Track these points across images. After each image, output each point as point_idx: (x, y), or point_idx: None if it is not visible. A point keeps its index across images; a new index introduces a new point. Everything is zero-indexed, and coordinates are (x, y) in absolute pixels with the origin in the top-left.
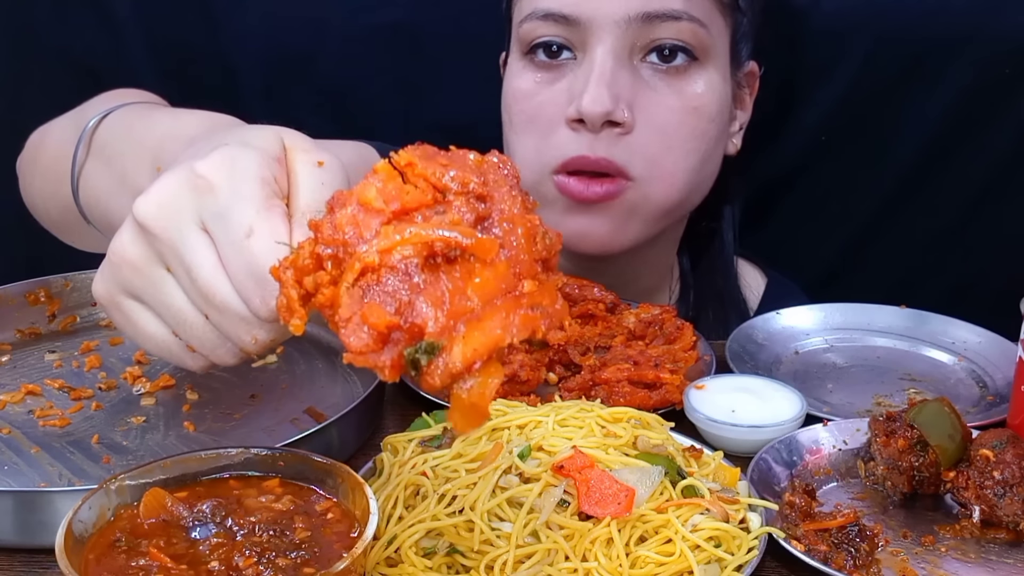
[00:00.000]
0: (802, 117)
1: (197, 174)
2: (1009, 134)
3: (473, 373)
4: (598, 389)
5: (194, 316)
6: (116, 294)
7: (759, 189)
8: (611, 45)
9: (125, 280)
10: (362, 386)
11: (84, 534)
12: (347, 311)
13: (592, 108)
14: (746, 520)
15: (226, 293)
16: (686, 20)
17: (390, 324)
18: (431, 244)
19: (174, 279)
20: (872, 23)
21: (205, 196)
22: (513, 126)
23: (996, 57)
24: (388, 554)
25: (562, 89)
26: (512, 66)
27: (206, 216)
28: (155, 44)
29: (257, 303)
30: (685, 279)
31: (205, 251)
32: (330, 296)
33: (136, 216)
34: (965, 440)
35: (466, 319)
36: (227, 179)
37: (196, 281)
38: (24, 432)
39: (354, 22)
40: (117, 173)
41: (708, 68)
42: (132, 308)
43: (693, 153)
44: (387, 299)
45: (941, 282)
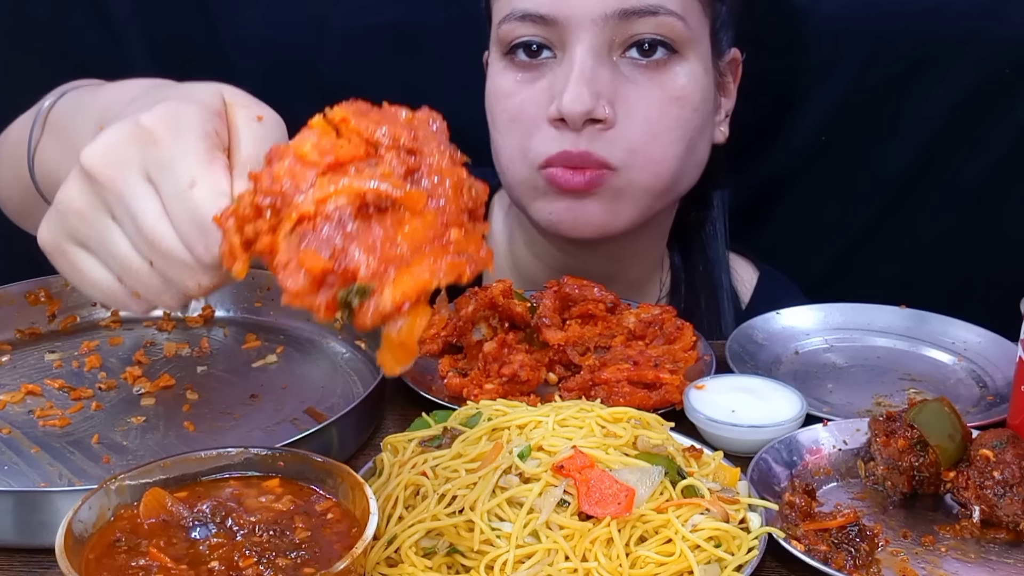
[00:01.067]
0: (802, 117)
1: (141, 126)
2: (1009, 134)
3: (403, 314)
4: (598, 389)
5: (139, 263)
6: (62, 242)
7: (759, 189)
8: (589, 43)
9: (71, 228)
10: (362, 386)
11: (84, 534)
12: (284, 256)
13: (572, 107)
14: (746, 520)
15: (170, 241)
16: (663, 14)
17: (325, 268)
18: (363, 195)
19: (119, 227)
20: (872, 23)
21: (149, 148)
22: (496, 126)
23: (996, 57)
24: (388, 554)
25: (543, 88)
26: (493, 66)
27: (150, 167)
28: (155, 44)
29: (201, 251)
30: (676, 272)
31: (150, 200)
32: (269, 243)
33: (83, 165)
34: (965, 440)
35: (396, 264)
36: (170, 132)
37: (141, 229)
38: (24, 432)
39: (354, 22)
40: (67, 144)
41: (688, 59)
42: (78, 255)
43: (679, 141)
44: (322, 245)
45: (941, 282)
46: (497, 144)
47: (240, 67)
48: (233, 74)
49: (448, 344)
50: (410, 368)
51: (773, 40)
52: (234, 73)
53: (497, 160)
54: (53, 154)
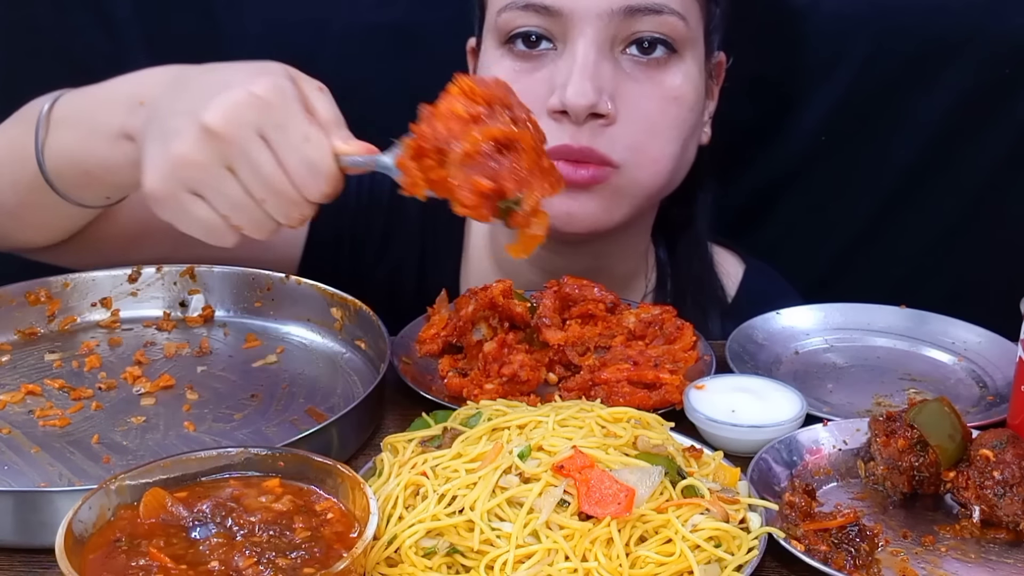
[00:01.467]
0: (802, 117)
1: (256, 95)
2: (1009, 134)
3: (536, 216)
4: (598, 389)
5: (250, 204)
6: (176, 190)
7: (760, 188)
8: (593, 37)
9: (187, 178)
10: (362, 386)
11: (84, 534)
12: (459, 181)
13: (576, 100)
14: (746, 520)
15: (285, 183)
16: (667, 13)
17: (490, 189)
18: (498, 136)
19: (234, 176)
20: (872, 23)
21: (264, 112)
22: None
23: (996, 57)
24: (388, 554)
25: (542, 79)
26: (487, 54)
27: (266, 127)
28: (155, 44)
29: (311, 190)
30: (661, 267)
31: (267, 153)
32: (442, 175)
33: (206, 125)
34: (965, 440)
35: (525, 183)
36: (280, 99)
37: (260, 174)
38: (24, 432)
39: (354, 22)
40: (86, 128)
41: (686, 59)
42: (189, 200)
43: (675, 140)
44: (482, 173)
45: (941, 282)
46: None
47: None
48: None
49: (448, 344)
50: (411, 367)
51: (773, 40)
52: None
53: None
54: (69, 142)
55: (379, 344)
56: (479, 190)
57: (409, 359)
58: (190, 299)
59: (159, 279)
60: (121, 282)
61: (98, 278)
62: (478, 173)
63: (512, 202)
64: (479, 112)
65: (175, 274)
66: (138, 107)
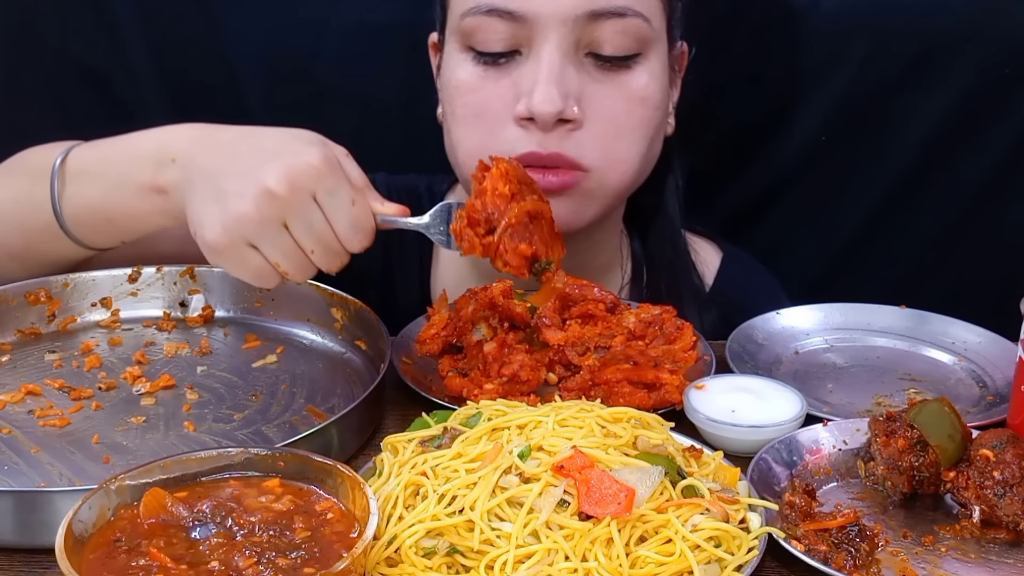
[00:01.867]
0: (802, 117)
1: (311, 164)
2: (1009, 134)
3: (558, 273)
4: (597, 389)
5: (299, 253)
6: (236, 242)
7: (759, 189)
8: (557, 42)
9: (247, 232)
10: (362, 386)
11: (84, 534)
12: (505, 246)
13: (544, 108)
14: (746, 520)
15: (333, 238)
16: (630, 16)
17: (530, 252)
18: (531, 210)
19: (286, 231)
20: (872, 23)
21: (318, 179)
22: (456, 119)
23: (996, 57)
24: (388, 554)
25: (508, 85)
26: (451, 57)
27: (319, 191)
28: (155, 44)
29: (355, 244)
30: (636, 258)
31: (319, 213)
32: (491, 241)
33: (269, 188)
34: (965, 440)
35: (550, 247)
36: (330, 169)
37: (313, 230)
38: (24, 432)
39: (354, 22)
40: (112, 181)
41: (650, 59)
42: (246, 251)
43: (642, 140)
44: (522, 239)
45: (941, 282)
46: (455, 137)
47: (240, 67)
48: (233, 74)
49: (448, 344)
50: (411, 367)
51: (773, 40)
52: (234, 73)
53: (453, 153)
54: (93, 194)
55: (379, 344)
56: (522, 254)
57: (409, 359)
58: (190, 299)
59: (159, 279)
60: (121, 282)
61: (98, 278)
62: (519, 240)
63: (545, 264)
64: (516, 190)
65: (175, 274)
66: (169, 163)
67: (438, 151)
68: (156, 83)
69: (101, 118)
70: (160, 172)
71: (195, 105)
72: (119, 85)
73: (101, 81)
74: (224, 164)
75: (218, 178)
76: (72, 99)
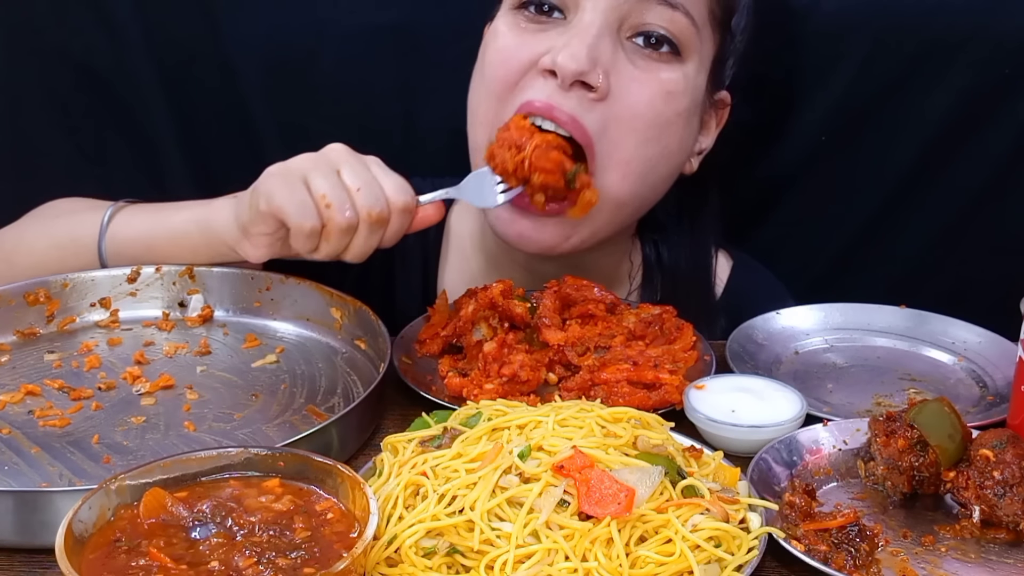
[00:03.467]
0: (802, 117)
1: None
2: (1009, 134)
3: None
4: (597, 389)
5: (344, 191)
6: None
7: (760, 189)
8: (603, 11)
9: (303, 167)
10: (362, 386)
11: (84, 534)
12: (542, 154)
13: (567, 63)
14: (746, 520)
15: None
16: (681, 12)
17: (560, 159)
18: (550, 139)
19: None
20: (872, 23)
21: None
22: (482, 67)
23: (996, 57)
24: (388, 554)
25: (544, 40)
26: (498, 21)
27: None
28: (155, 44)
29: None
30: (648, 264)
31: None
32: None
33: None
34: (965, 440)
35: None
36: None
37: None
38: (24, 432)
39: (354, 22)
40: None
41: (687, 65)
42: (296, 183)
43: (654, 142)
44: (550, 155)
45: (941, 282)
46: (474, 99)
47: (240, 67)
48: (233, 75)
49: (448, 344)
50: (411, 367)
51: (773, 40)
52: (234, 74)
53: (470, 113)
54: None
55: (379, 344)
56: (555, 159)
57: (409, 359)
58: (189, 299)
59: (158, 279)
60: (120, 282)
61: (97, 278)
62: (547, 155)
63: (573, 172)
64: (534, 126)
65: (174, 274)
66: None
67: (438, 152)
68: (156, 83)
69: (101, 118)
70: (217, 204)
71: (195, 105)
72: (119, 85)
73: (101, 81)
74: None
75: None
76: (72, 99)
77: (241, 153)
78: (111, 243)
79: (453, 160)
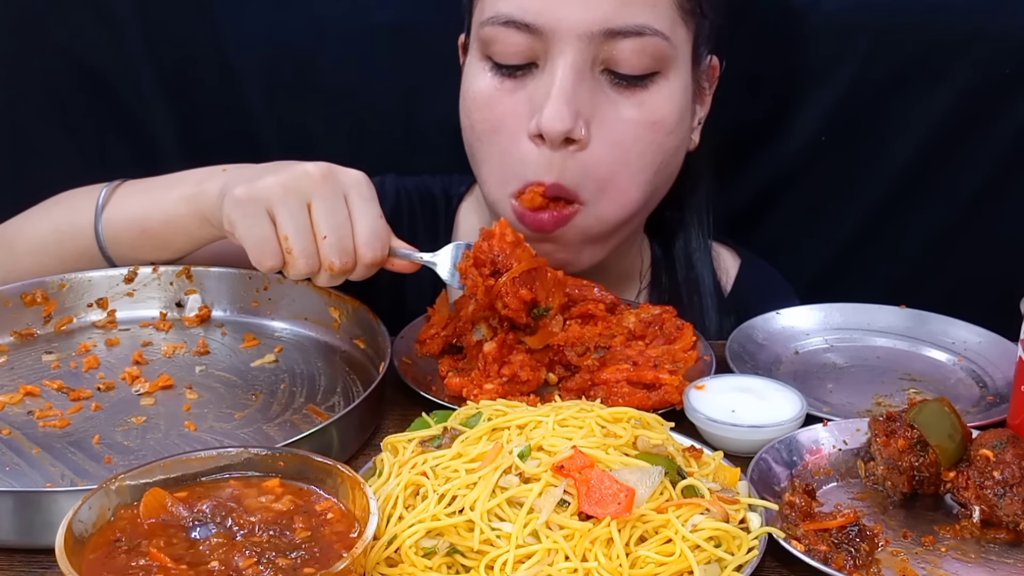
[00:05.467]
0: (802, 117)
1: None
2: (1009, 134)
3: (556, 320)
4: (597, 389)
5: (310, 237)
6: (259, 201)
7: (760, 188)
8: (572, 59)
9: (272, 195)
10: (362, 386)
11: (84, 534)
12: (509, 291)
13: (552, 126)
14: (746, 520)
15: (349, 234)
16: (649, 35)
17: (530, 298)
18: (531, 261)
19: (309, 212)
20: (872, 23)
21: (353, 185)
22: (476, 134)
23: (996, 57)
24: (388, 554)
25: (523, 99)
26: (471, 65)
27: (352, 194)
28: (155, 44)
29: (366, 249)
30: (656, 264)
31: (346, 209)
32: (498, 284)
33: (306, 168)
34: (965, 440)
35: (549, 293)
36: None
37: (333, 217)
38: (24, 433)
39: (354, 22)
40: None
41: (670, 78)
42: (261, 216)
43: (647, 168)
44: (524, 286)
45: (941, 282)
46: (477, 154)
47: (240, 67)
48: (233, 75)
49: (448, 344)
50: (411, 367)
51: (773, 40)
52: (234, 74)
53: (476, 168)
54: (134, 207)
55: (378, 343)
56: (522, 299)
57: (409, 359)
58: (186, 299)
59: (155, 279)
60: (117, 282)
61: (94, 278)
62: (520, 285)
63: (544, 309)
64: (520, 238)
65: (171, 274)
66: (220, 172)
67: (438, 151)
68: (156, 83)
69: (101, 118)
70: (206, 179)
71: (195, 105)
72: (119, 84)
73: (101, 81)
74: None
75: (259, 169)
76: (72, 98)
77: (241, 153)
78: (107, 227)
79: (453, 159)
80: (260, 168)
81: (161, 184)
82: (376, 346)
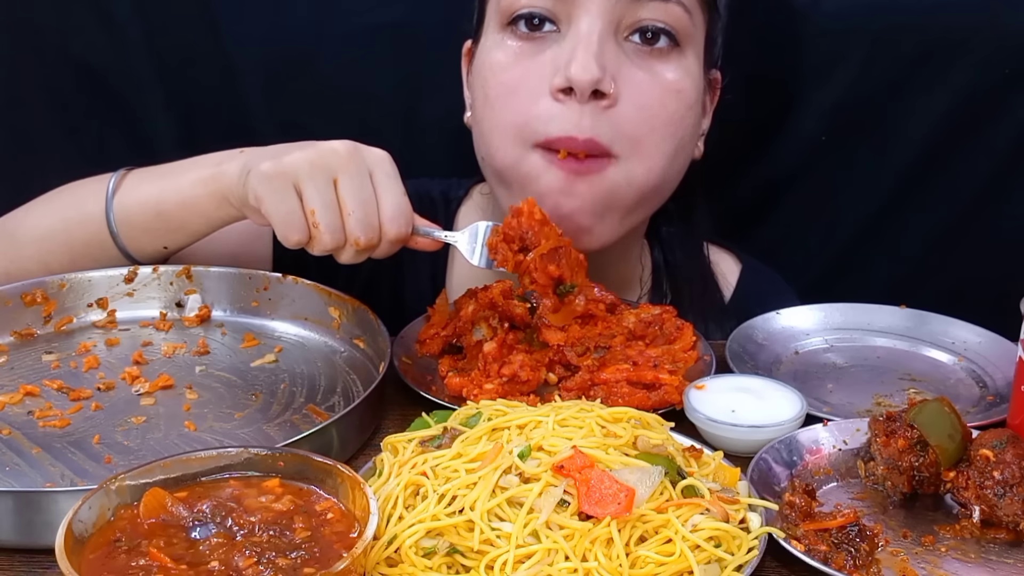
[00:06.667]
0: (802, 117)
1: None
2: (1009, 134)
3: (579, 297)
4: (597, 389)
5: (336, 211)
6: (286, 176)
7: (760, 189)
8: (599, 16)
9: (299, 171)
10: (362, 386)
11: (84, 534)
12: (538, 266)
13: (581, 75)
14: (746, 520)
15: (374, 208)
16: (672, 2)
17: (557, 274)
18: (560, 240)
19: (335, 188)
20: (872, 23)
21: (380, 163)
22: (489, 101)
23: (996, 57)
24: (388, 554)
25: (545, 61)
26: (488, 40)
27: (378, 171)
28: (155, 44)
29: (391, 225)
30: (657, 269)
31: (371, 186)
32: (526, 261)
33: (332, 144)
34: (965, 440)
35: (574, 272)
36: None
37: (361, 193)
38: (24, 433)
39: (354, 22)
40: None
41: (687, 55)
42: (288, 191)
43: (671, 137)
44: (552, 263)
45: (941, 282)
46: (485, 124)
47: (240, 67)
48: (233, 75)
49: (448, 344)
50: (411, 367)
51: (773, 40)
52: (234, 74)
53: (482, 142)
54: (149, 189)
55: (378, 343)
56: (551, 275)
57: (409, 359)
58: (186, 299)
59: (155, 279)
60: (117, 282)
61: (94, 279)
62: (549, 262)
63: (569, 287)
64: (547, 217)
65: (171, 274)
66: (237, 154)
67: (438, 152)
68: (156, 82)
69: (101, 118)
70: (224, 161)
71: (195, 105)
72: (119, 84)
73: (101, 81)
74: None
75: (285, 146)
76: (72, 98)
77: None
78: (119, 210)
79: (453, 159)
80: (283, 146)
81: (175, 169)
82: (376, 346)
